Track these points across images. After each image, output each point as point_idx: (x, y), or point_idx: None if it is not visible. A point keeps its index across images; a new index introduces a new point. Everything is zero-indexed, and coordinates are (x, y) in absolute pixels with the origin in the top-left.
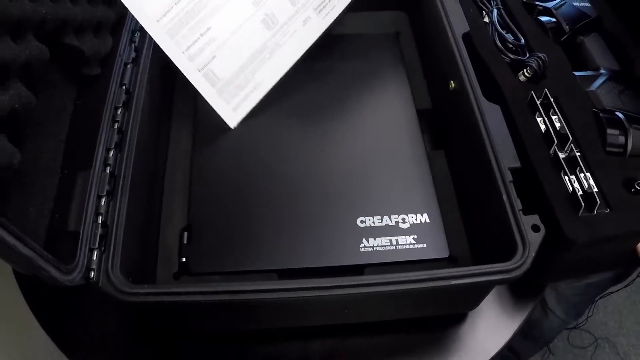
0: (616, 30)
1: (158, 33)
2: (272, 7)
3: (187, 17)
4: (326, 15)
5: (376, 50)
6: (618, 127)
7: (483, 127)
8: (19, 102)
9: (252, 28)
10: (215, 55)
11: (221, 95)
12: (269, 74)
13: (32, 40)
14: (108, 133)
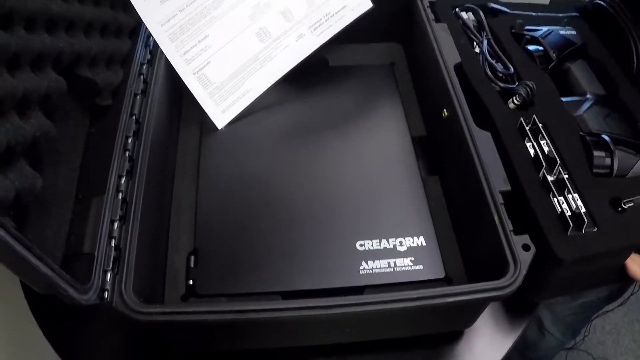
0: (601, 57)
1: (161, 36)
2: (267, 22)
3: (188, 24)
4: (321, 34)
5: (372, 81)
6: (604, 149)
7: (475, 152)
8: (40, 130)
9: (246, 39)
10: (210, 61)
11: (212, 97)
12: (258, 83)
13: (51, 72)
14: (120, 161)
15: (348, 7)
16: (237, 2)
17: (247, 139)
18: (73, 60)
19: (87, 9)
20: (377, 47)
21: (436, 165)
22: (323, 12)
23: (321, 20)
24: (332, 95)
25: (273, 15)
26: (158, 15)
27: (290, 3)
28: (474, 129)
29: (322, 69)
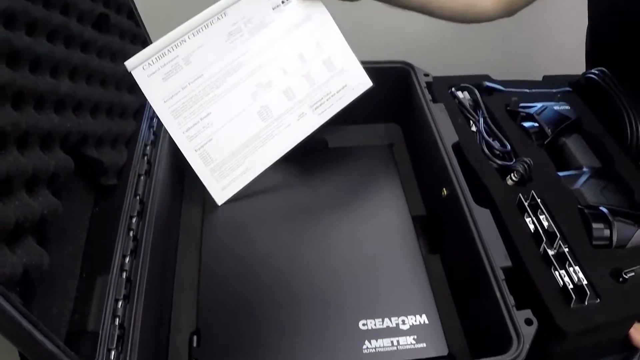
0: (595, 130)
1: (164, 113)
2: (269, 100)
3: (191, 102)
4: (322, 113)
5: (372, 161)
6: (602, 221)
7: (475, 230)
8: (47, 208)
9: (248, 118)
10: (212, 138)
11: (213, 174)
12: (260, 161)
13: (59, 151)
14: (124, 240)
15: (349, 87)
16: (240, 81)
17: (248, 217)
18: (80, 140)
19: (94, 89)
20: (376, 128)
21: (437, 244)
22: (324, 91)
23: (322, 100)
24: (332, 176)
25: (275, 94)
26: (161, 92)
27: (292, 82)
28: (473, 206)
29: (321, 150)
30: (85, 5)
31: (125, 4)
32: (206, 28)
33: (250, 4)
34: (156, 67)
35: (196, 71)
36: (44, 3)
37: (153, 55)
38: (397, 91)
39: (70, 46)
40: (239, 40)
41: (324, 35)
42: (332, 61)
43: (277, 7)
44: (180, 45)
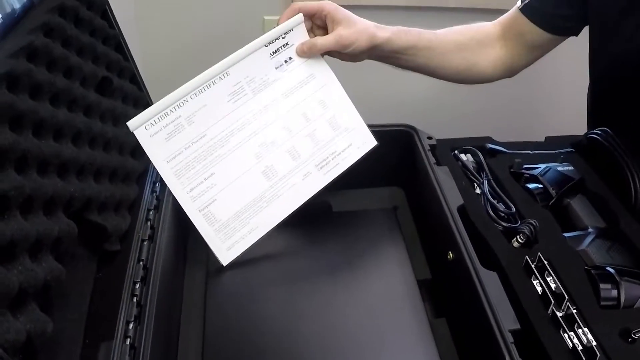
0: (599, 190)
1: (166, 173)
2: (273, 160)
3: (194, 162)
4: (328, 172)
5: (376, 225)
6: (610, 281)
7: (482, 293)
8: (51, 274)
9: (252, 177)
10: (216, 199)
11: (217, 235)
12: (265, 221)
13: (62, 216)
14: (128, 306)
15: (354, 146)
16: (244, 141)
17: (252, 282)
18: (83, 205)
19: (97, 154)
20: (379, 192)
21: (443, 307)
22: (329, 150)
23: (327, 159)
24: (336, 240)
25: (279, 154)
26: (164, 153)
27: (296, 142)
28: (480, 269)
29: (325, 214)
30: (88, 68)
31: (128, 68)
32: (208, 88)
33: (252, 63)
34: (158, 127)
35: (199, 131)
36: (47, 66)
37: (155, 115)
38: (400, 154)
39: (73, 110)
40: (242, 100)
41: (328, 94)
42: (337, 120)
43: (280, 66)
44: (183, 106)
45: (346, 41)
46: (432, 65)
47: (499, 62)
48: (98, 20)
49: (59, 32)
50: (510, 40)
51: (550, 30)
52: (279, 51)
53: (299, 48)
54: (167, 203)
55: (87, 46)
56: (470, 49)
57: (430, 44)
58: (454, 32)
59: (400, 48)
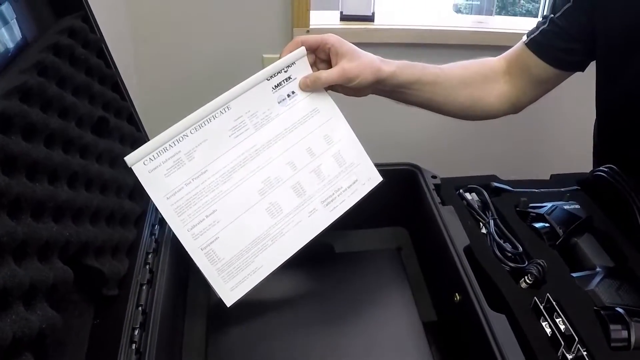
0: (606, 228)
1: (166, 210)
2: (277, 197)
3: (195, 198)
4: (334, 209)
5: (379, 266)
6: (620, 322)
7: (491, 337)
8: (46, 322)
9: (256, 215)
10: (218, 237)
11: (220, 274)
12: (270, 260)
13: (57, 262)
14: (127, 353)
15: (359, 182)
16: (246, 177)
17: (254, 326)
18: (80, 250)
19: (93, 196)
20: (383, 232)
21: (450, 351)
22: (335, 187)
23: (333, 195)
24: (339, 282)
25: (284, 190)
26: (163, 189)
27: (301, 178)
28: (488, 312)
29: (328, 256)
30: (84, 108)
31: (125, 108)
32: (209, 122)
33: (254, 97)
34: (157, 163)
35: (200, 167)
36: (41, 106)
37: (154, 150)
38: (403, 194)
39: (69, 151)
40: (244, 135)
41: (333, 129)
42: (342, 155)
43: (282, 100)
44: (182, 140)
45: (351, 74)
46: (437, 101)
47: (504, 98)
48: (94, 59)
49: (54, 71)
50: (515, 76)
51: (556, 65)
52: (281, 85)
53: (302, 82)
54: (167, 245)
55: (82, 85)
56: (476, 84)
57: (435, 78)
58: (459, 67)
59: (405, 82)
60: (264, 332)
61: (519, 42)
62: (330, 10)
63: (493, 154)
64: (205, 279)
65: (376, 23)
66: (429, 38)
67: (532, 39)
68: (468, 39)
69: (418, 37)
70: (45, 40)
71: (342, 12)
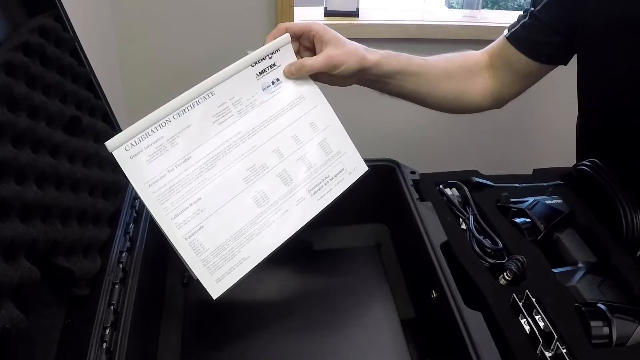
0: (589, 223)
1: (148, 198)
2: (263, 185)
3: (178, 186)
4: (321, 198)
5: (358, 263)
6: (601, 318)
7: (466, 334)
8: (10, 322)
9: (242, 203)
10: (203, 226)
11: (206, 265)
12: (256, 251)
13: (24, 261)
14: (97, 353)
15: (345, 171)
16: (231, 164)
17: (231, 324)
18: (48, 249)
19: (63, 195)
20: (362, 229)
21: (428, 348)
22: (322, 175)
23: (320, 184)
24: (317, 279)
25: (270, 178)
26: (145, 175)
27: (288, 166)
28: (464, 309)
29: (307, 253)
30: (55, 108)
31: (99, 106)
32: (192, 108)
33: (238, 83)
34: (139, 148)
35: (183, 153)
36: (9, 106)
37: (135, 135)
38: (382, 190)
39: (38, 151)
40: (228, 122)
41: (319, 116)
42: (328, 143)
43: (267, 87)
44: (165, 126)
45: (336, 61)
46: (421, 92)
47: (488, 91)
48: (67, 58)
49: (23, 70)
50: (498, 69)
51: (538, 58)
52: (265, 72)
53: (286, 69)
54: (142, 244)
55: (54, 84)
56: (460, 77)
57: (419, 69)
58: (443, 59)
59: (389, 72)
60: (242, 331)
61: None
62: (314, 6)
63: (475, 149)
64: (191, 271)
65: (361, 18)
66: (415, 33)
67: (513, 32)
68: (455, 33)
69: (404, 32)
70: (15, 39)
71: (326, 8)
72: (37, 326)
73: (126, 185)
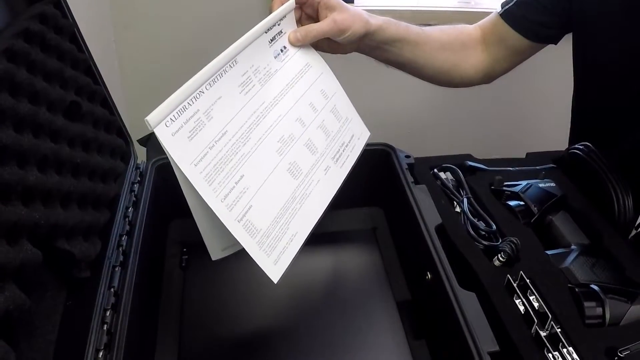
0: (582, 206)
1: (197, 179)
2: (295, 156)
3: (221, 163)
4: (342, 165)
5: (354, 246)
6: (594, 299)
7: (460, 315)
8: (13, 304)
9: (280, 177)
10: (252, 205)
11: (261, 247)
12: (303, 224)
13: (26, 244)
14: (98, 334)
15: (355, 137)
16: (263, 137)
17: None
18: (50, 232)
19: (64, 180)
20: (358, 213)
21: (423, 329)
22: (339, 142)
23: (340, 151)
24: (314, 263)
25: (299, 148)
26: (189, 154)
27: (311, 134)
28: (458, 290)
29: None
30: (55, 94)
31: (98, 92)
32: (220, 78)
33: (255, 51)
34: (179, 124)
35: (219, 127)
36: (10, 92)
37: (174, 110)
38: (378, 174)
39: (39, 136)
40: (252, 92)
41: (326, 83)
42: (338, 110)
43: (277, 55)
44: (199, 98)
45: (343, 25)
46: (417, 62)
47: (480, 66)
48: (66, 44)
49: (23, 56)
50: (490, 44)
51: (530, 36)
52: (275, 39)
53: (292, 36)
54: (140, 227)
55: (54, 70)
56: (454, 49)
57: (417, 38)
58: (439, 31)
59: (389, 39)
60: (238, 310)
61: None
62: None
63: (468, 133)
64: (249, 256)
65: (356, 4)
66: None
67: (507, 10)
68: (450, 19)
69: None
70: (15, 26)
71: None
72: (38, 308)
73: (125, 169)
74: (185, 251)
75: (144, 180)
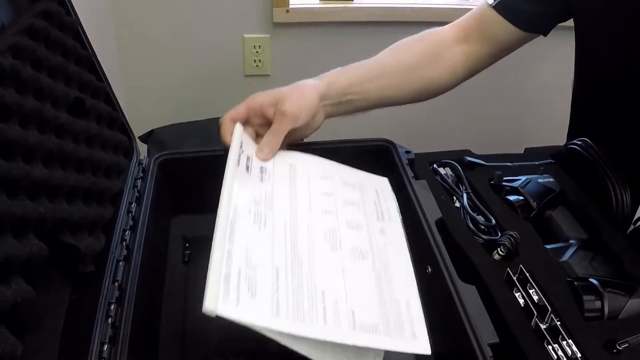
0: (580, 201)
1: (287, 326)
2: (348, 241)
3: (297, 296)
4: (390, 217)
5: None
6: (593, 293)
7: (460, 307)
8: (20, 296)
9: (352, 267)
10: (352, 309)
11: (391, 335)
12: (406, 288)
13: (32, 238)
14: (102, 328)
15: (379, 189)
16: (309, 246)
17: None
18: (55, 226)
19: (69, 175)
20: None
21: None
22: (370, 202)
23: (377, 209)
24: None
25: (345, 233)
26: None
27: (344, 215)
28: (458, 283)
29: None
30: (60, 90)
31: (102, 89)
32: (234, 230)
33: (241, 188)
34: (234, 293)
35: (269, 268)
36: (16, 88)
37: (221, 283)
38: (379, 168)
39: (44, 131)
40: (269, 221)
41: (319, 168)
42: (348, 180)
43: (262, 178)
44: (232, 257)
45: (293, 109)
46: (388, 95)
47: (459, 68)
48: (70, 41)
49: (29, 53)
50: (473, 42)
51: (522, 26)
52: (249, 166)
53: (260, 156)
54: (144, 223)
55: (58, 67)
56: (424, 66)
57: (377, 72)
58: (403, 51)
59: (347, 85)
60: None
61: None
62: None
63: (467, 128)
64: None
65: (355, 2)
66: (409, 16)
67: (500, 1)
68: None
69: (398, 15)
70: (20, 23)
71: None
72: (44, 302)
73: (127, 165)
74: (188, 246)
75: (147, 176)
